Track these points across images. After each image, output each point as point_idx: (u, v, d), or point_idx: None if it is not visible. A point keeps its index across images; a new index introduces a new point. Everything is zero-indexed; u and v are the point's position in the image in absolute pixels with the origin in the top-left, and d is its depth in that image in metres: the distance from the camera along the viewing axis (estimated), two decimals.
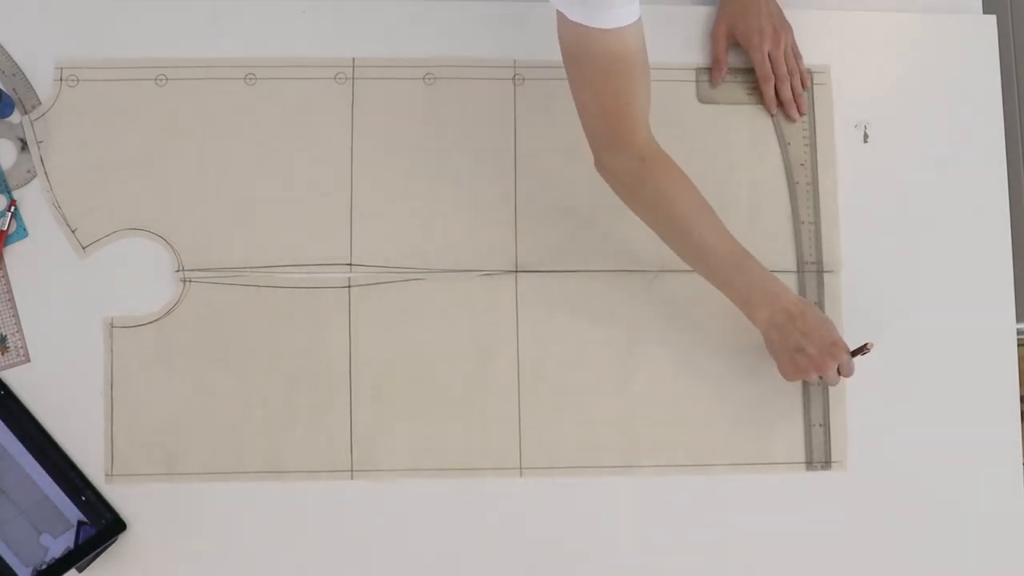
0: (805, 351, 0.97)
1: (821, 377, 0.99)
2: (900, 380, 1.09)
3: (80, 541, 1.00)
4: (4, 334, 1.04)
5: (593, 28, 0.85)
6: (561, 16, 0.87)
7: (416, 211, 1.08)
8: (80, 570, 1.01)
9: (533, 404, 1.07)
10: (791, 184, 1.11)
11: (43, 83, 1.08)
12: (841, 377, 0.99)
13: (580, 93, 0.93)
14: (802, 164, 1.11)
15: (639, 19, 0.87)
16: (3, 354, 1.04)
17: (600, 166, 0.98)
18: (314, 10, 1.10)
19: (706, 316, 1.08)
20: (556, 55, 0.94)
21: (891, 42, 1.15)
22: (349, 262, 1.07)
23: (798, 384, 1.08)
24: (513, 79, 1.11)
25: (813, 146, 1.12)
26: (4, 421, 1.02)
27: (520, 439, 1.06)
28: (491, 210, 1.09)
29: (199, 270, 1.06)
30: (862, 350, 0.99)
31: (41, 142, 1.07)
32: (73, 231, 1.06)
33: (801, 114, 1.11)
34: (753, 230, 1.09)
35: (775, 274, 0.99)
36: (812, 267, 1.10)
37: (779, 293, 0.98)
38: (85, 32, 1.09)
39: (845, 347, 0.98)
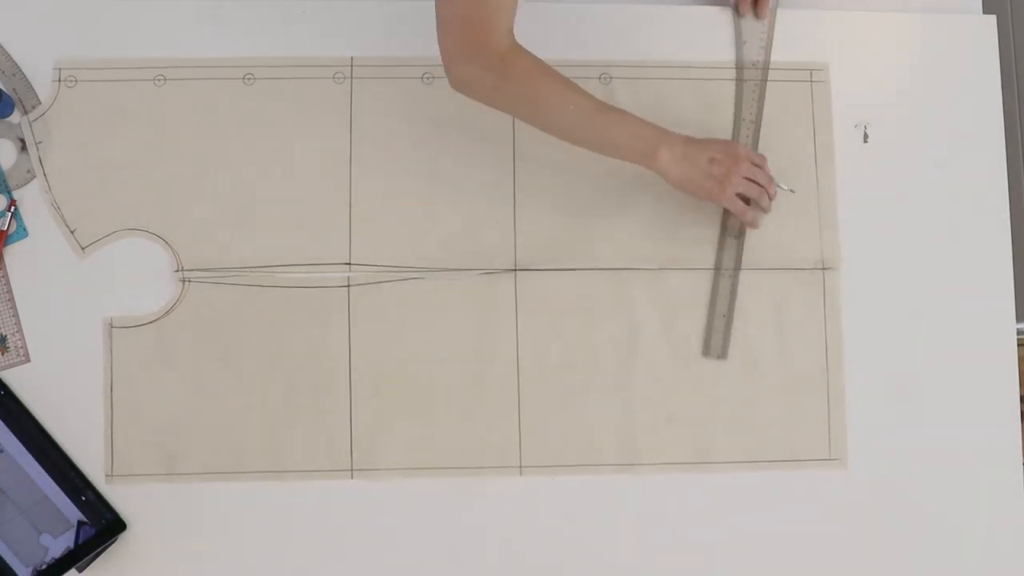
0: (715, 159, 1.00)
1: (748, 201, 1.03)
2: (900, 380, 1.09)
3: (80, 541, 1.01)
4: (4, 334, 1.04)
5: None
6: None
7: (415, 210, 1.08)
8: (80, 570, 1.01)
9: (533, 403, 1.07)
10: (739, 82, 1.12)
11: (43, 83, 1.08)
12: (763, 208, 1.04)
13: (443, 5, 0.92)
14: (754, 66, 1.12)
15: None
16: (3, 354, 1.04)
17: (457, 80, 0.96)
18: (313, 10, 1.10)
19: (706, 315, 1.08)
20: (556, 55, 0.94)
21: (891, 42, 1.15)
22: (348, 261, 1.07)
23: (797, 384, 1.08)
24: None
25: (813, 146, 1.12)
26: (4, 421, 1.02)
27: (520, 438, 1.06)
28: (490, 209, 1.09)
29: (198, 270, 1.06)
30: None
31: (40, 142, 1.07)
32: (73, 231, 1.06)
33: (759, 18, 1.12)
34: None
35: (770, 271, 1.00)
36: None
37: (665, 131, 0.99)
38: (84, 32, 1.08)
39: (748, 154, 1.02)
